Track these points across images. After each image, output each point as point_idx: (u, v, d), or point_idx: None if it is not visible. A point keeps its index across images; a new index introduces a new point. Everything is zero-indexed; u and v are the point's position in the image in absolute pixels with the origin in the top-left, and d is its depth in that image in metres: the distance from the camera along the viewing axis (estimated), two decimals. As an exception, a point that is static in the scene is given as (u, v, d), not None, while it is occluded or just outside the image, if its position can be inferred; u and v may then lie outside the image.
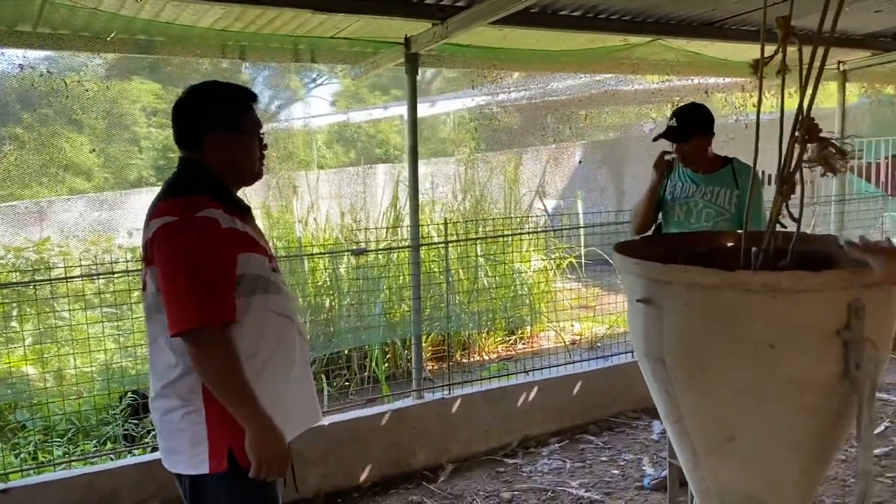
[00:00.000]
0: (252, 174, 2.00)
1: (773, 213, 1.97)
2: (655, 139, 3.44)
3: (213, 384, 1.77)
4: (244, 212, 1.96)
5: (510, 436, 4.34)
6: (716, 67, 5.24)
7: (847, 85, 6.25)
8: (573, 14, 3.97)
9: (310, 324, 5.35)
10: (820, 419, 1.81)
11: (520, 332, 6.91)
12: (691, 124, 3.31)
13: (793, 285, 1.69)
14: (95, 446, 4.27)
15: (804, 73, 1.96)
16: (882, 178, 9.02)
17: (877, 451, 4.01)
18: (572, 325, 6.88)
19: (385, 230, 6.10)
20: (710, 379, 1.81)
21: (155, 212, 1.83)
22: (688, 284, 1.80)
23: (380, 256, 5.49)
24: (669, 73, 5.08)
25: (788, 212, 1.98)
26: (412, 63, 3.95)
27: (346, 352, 5.48)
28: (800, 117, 1.89)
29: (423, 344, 5.99)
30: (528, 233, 6.89)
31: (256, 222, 2.08)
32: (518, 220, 7.21)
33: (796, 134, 1.90)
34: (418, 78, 4.13)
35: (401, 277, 5.68)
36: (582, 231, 7.30)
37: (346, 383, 5.56)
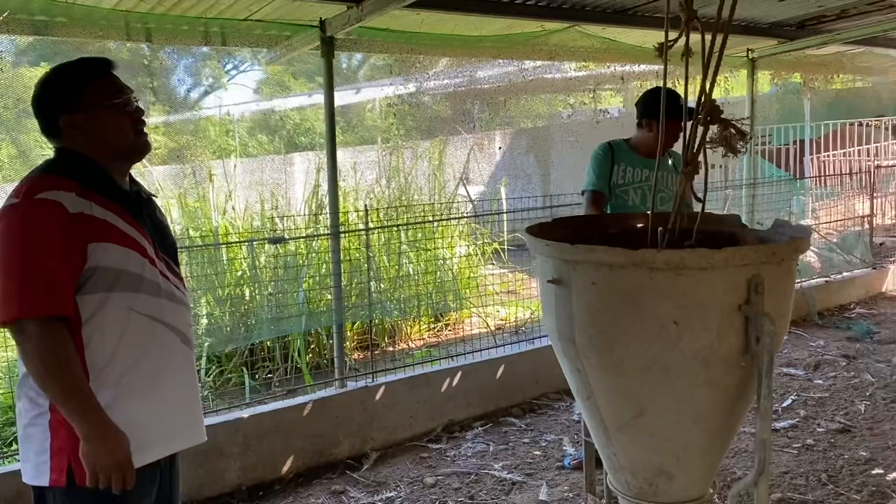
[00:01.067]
0: (127, 148, 1.80)
1: (677, 193, 2.01)
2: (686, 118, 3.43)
3: (38, 381, 1.62)
4: (127, 199, 1.78)
5: (434, 421, 4.35)
6: (632, 54, 5.34)
7: (759, 74, 6.50)
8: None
9: (229, 315, 5.23)
10: (723, 392, 1.86)
11: (445, 318, 6.93)
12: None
13: (696, 263, 1.73)
14: None
15: (706, 56, 2.00)
16: (790, 163, 9.42)
17: (783, 424, 4.19)
18: (497, 311, 6.94)
19: (307, 218, 6.01)
20: (618, 356, 1.84)
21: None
22: (595, 264, 1.82)
23: (301, 245, 5.40)
24: (587, 60, 5.15)
25: (693, 192, 2.03)
26: (328, 47, 3.89)
27: (268, 343, 5.38)
28: (702, 100, 1.93)
29: (348, 333, 5.95)
30: (452, 219, 6.90)
31: (159, 213, 1.96)
32: (442, 206, 7.21)
33: (698, 116, 1.94)
34: (345, 65, 4.10)
35: (323, 266, 5.60)
36: (505, 217, 7.36)
37: (270, 375, 5.46)
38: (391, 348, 6.30)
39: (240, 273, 5.56)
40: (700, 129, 1.95)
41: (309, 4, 3.65)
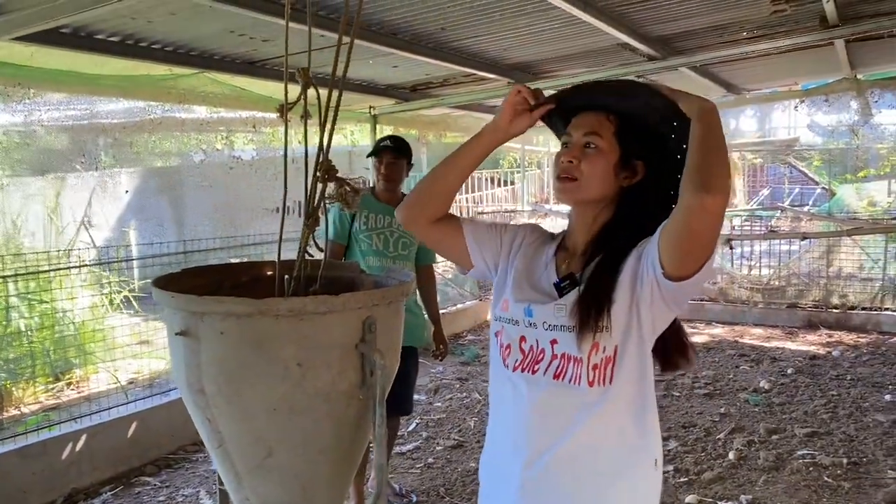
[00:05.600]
0: None
1: (301, 244, 2.17)
2: (372, 154, 3.70)
3: None
4: None
5: (54, 493, 3.95)
6: (262, 103, 5.51)
7: (381, 128, 7.16)
8: (111, 39, 3.82)
9: None
10: (345, 424, 2.04)
11: (67, 376, 6.27)
12: (404, 148, 3.67)
13: (316, 308, 1.89)
14: None
15: (323, 116, 2.21)
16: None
17: (409, 446, 4.63)
18: (129, 364, 6.49)
19: None
20: (247, 401, 1.91)
21: None
22: (223, 314, 1.87)
23: None
24: (217, 105, 5.18)
25: (315, 242, 2.21)
26: None
27: None
28: (319, 158, 2.13)
29: (-61, 403, 5.07)
30: (70, 267, 6.31)
31: None
32: (59, 253, 6.55)
33: (317, 174, 2.12)
34: None
35: None
36: (135, 263, 6.95)
37: None
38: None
39: None
40: (319, 186, 2.13)
41: None
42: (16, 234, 6.64)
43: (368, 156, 3.77)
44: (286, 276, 2.22)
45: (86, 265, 6.81)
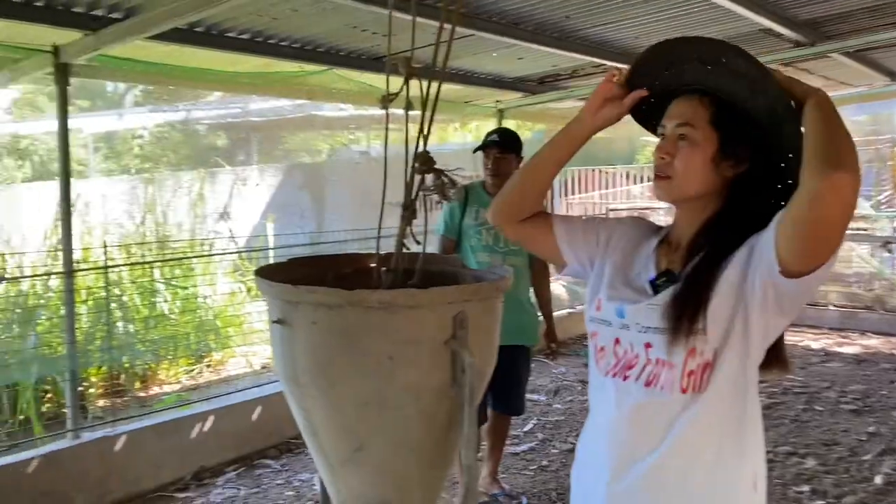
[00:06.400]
0: None
1: (398, 236, 2.14)
2: (478, 150, 3.60)
3: None
4: None
5: (183, 469, 4.16)
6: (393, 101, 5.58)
7: (506, 121, 7.07)
8: (241, 37, 3.97)
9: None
10: (436, 422, 1.99)
11: (206, 359, 6.65)
12: (512, 141, 3.55)
13: (406, 301, 1.85)
14: None
15: (424, 109, 2.17)
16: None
17: (524, 447, 4.53)
18: (264, 349, 6.80)
19: (44, 254, 5.51)
20: (338, 393, 1.90)
21: None
22: (314, 304, 1.87)
23: (36, 284, 4.93)
24: (345, 102, 5.30)
25: (412, 235, 2.17)
26: (62, 73, 3.65)
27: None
28: (417, 151, 2.09)
29: (94, 378, 5.52)
30: (208, 255, 6.68)
31: None
32: (203, 242, 6.96)
33: (414, 165, 2.09)
34: (110, 89, 3.84)
35: (63, 307, 5.15)
36: (271, 253, 7.27)
37: (-2, 429, 4.89)
38: (143, 393, 5.92)
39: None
40: (417, 178, 2.09)
41: (40, 28, 3.41)
42: (164, 224, 7.13)
43: (475, 150, 3.67)
44: (382, 269, 2.19)
45: (226, 253, 7.19)
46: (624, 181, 13.16)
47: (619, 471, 1.45)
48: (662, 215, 10.13)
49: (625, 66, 1.64)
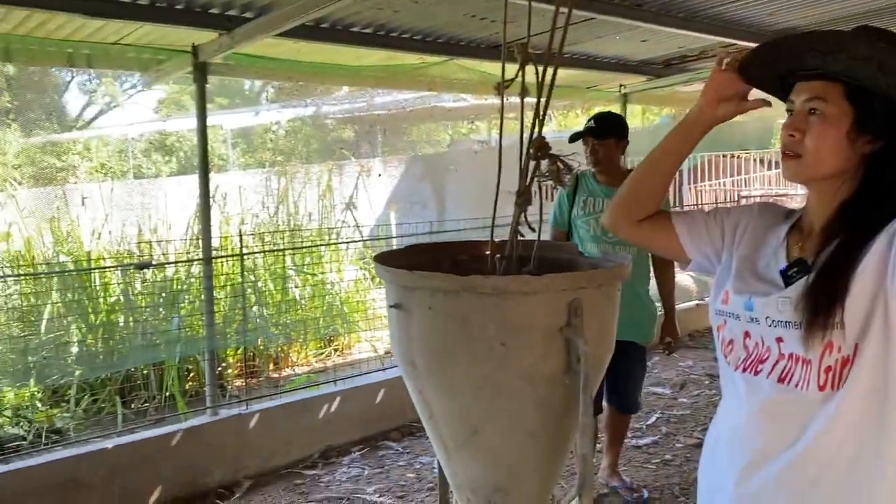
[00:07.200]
0: None
1: (513, 223, 2.14)
2: (573, 139, 3.45)
3: None
4: None
5: (312, 447, 4.35)
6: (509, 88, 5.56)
7: (630, 106, 6.88)
8: (365, 31, 4.08)
9: (101, 343, 5.06)
10: (550, 409, 1.98)
11: (334, 343, 6.92)
12: (609, 125, 3.41)
13: (519, 287, 1.85)
14: None
15: (539, 95, 2.15)
16: (671, 192, 10.03)
17: (646, 440, 4.42)
18: (388, 335, 6.98)
19: (186, 242, 5.90)
20: (453, 377, 1.93)
21: None
22: (430, 289, 1.91)
23: (179, 270, 5.30)
24: (465, 92, 5.33)
25: (527, 221, 2.16)
26: (200, 72, 3.89)
27: (143, 371, 5.23)
28: (532, 137, 2.08)
29: (231, 359, 5.86)
30: (335, 243, 6.92)
31: None
32: (331, 231, 7.23)
33: (529, 151, 2.08)
34: (247, 86, 4.10)
35: (203, 291, 5.51)
36: (394, 241, 7.45)
37: (146, 404, 5.31)
38: (276, 374, 6.23)
39: (113, 299, 5.39)
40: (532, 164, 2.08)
41: (181, 30, 3.64)
42: (295, 214, 7.47)
43: (571, 140, 3.45)
44: (497, 256, 2.20)
45: (352, 241, 7.44)
46: (758, 167, 12.48)
47: (749, 470, 1.37)
48: (799, 203, 9.56)
49: (750, 45, 1.54)
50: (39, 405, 4.92)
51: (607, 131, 3.41)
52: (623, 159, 3.57)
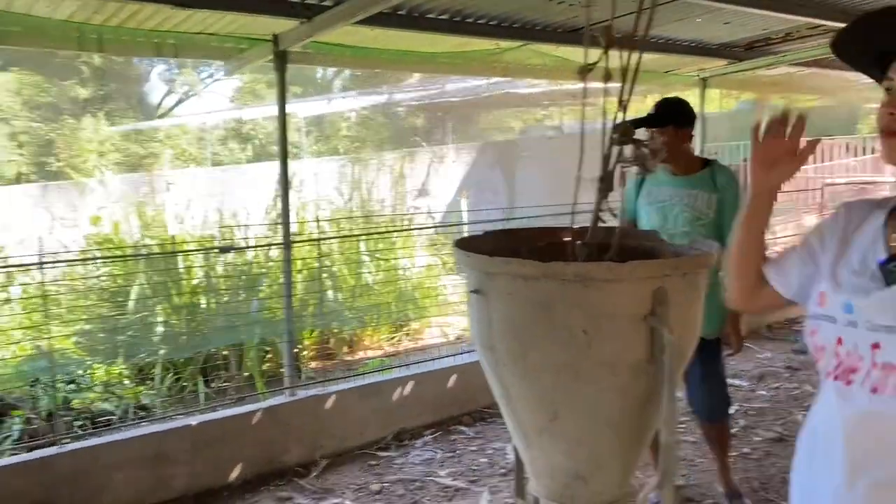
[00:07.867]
0: None
1: (594, 209, 2.11)
2: (634, 126, 3.33)
3: None
4: None
5: (385, 429, 4.41)
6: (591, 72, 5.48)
7: (709, 91, 6.69)
8: (441, 17, 4.08)
9: (185, 323, 5.26)
10: (632, 398, 1.96)
11: (406, 328, 7.00)
12: (669, 113, 3.22)
13: (602, 275, 1.83)
14: None
15: (624, 79, 2.11)
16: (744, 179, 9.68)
17: (724, 432, 4.31)
18: (459, 321, 7.02)
19: (266, 227, 6.06)
20: (533, 362, 1.93)
21: None
22: (511, 275, 1.91)
23: (259, 254, 5.44)
24: (540, 77, 5.28)
25: (609, 208, 2.13)
26: (280, 60, 3.97)
27: (225, 351, 5.42)
28: (615, 121, 2.05)
29: (307, 342, 6.00)
30: (408, 230, 6.98)
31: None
32: (403, 218, 7.30)
33: (613, 136, 2.05)
34: (319, 75, 4.17)
35: (282, 275, 5.65)
36: (465, 228, 7.46)
37: (227, 384, 5.49)
38: (350, 357, 6.36)
39: (196, 281, 5.59)
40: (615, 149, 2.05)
41: (262, 19, 3.72)
42: (368, 200, 7.57)
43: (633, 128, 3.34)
44: (578, 242, 2.18)
45: (424, 227, 7.50)
46: (843, 153, 11.94)
47: (845, 483, 1.28)
48: (888, 192, 9.12)
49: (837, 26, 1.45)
50: (127, 382, 5.15)
51: (665, 119, 3.21)
52: (689, 146, 3.39)
